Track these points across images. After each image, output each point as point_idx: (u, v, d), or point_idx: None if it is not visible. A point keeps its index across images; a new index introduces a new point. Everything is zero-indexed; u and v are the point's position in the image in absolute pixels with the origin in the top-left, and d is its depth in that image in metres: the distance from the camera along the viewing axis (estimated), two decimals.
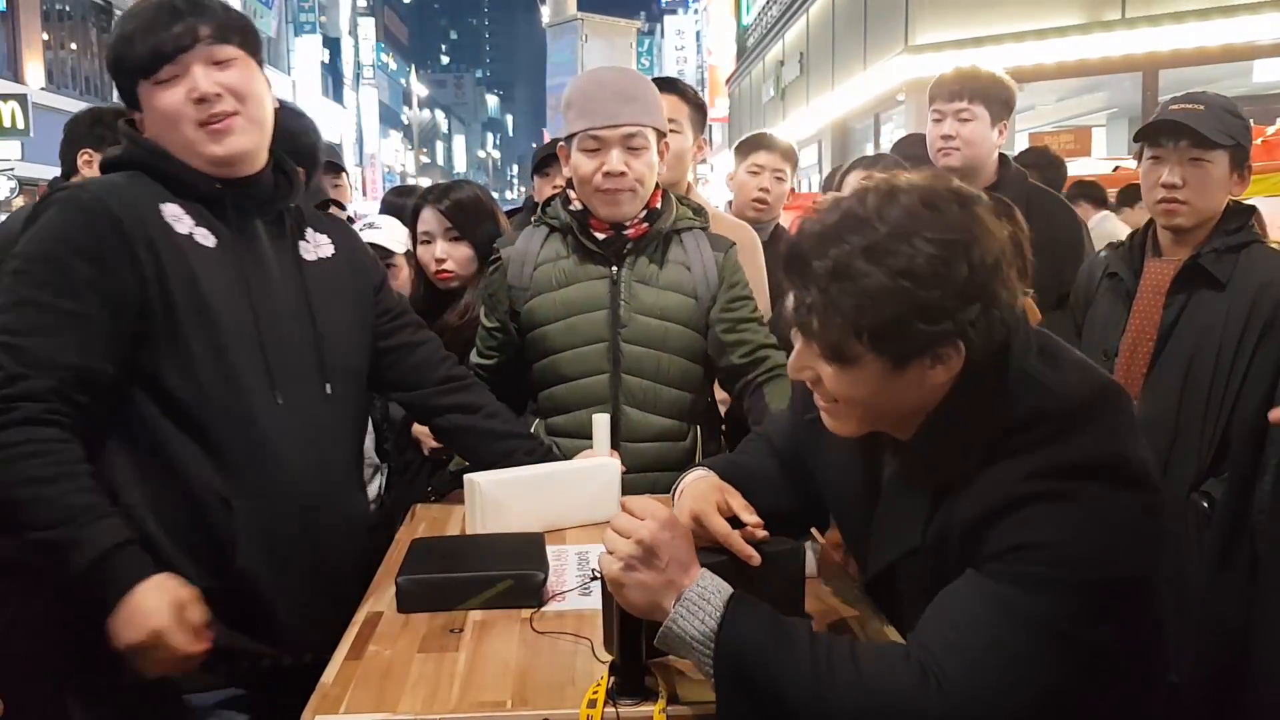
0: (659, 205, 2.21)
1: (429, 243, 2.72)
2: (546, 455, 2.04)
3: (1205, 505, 2.20)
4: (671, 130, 2.39)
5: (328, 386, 1.70)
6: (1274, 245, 2.39)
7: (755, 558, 1.33)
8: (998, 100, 2.81)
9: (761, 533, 1.38)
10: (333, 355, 1.72)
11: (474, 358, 2.38)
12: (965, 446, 1.20)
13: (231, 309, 1.59)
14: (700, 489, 1.45)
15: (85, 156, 2.86)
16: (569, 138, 2.16)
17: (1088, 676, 1.15)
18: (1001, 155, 2.89)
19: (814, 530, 1.69)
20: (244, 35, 1.65)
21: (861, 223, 1.16)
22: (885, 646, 1.19)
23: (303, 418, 1.65)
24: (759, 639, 1.15)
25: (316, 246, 1.79)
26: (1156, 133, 2.32)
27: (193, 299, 1.56)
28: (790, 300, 1.23)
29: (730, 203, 3.67)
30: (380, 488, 2.71)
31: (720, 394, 2.40)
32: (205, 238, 1.61)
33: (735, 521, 1.38)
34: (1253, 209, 2.40)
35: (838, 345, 1.18)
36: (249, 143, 1.63)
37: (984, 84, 2.83)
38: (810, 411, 1.37)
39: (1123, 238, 2.59)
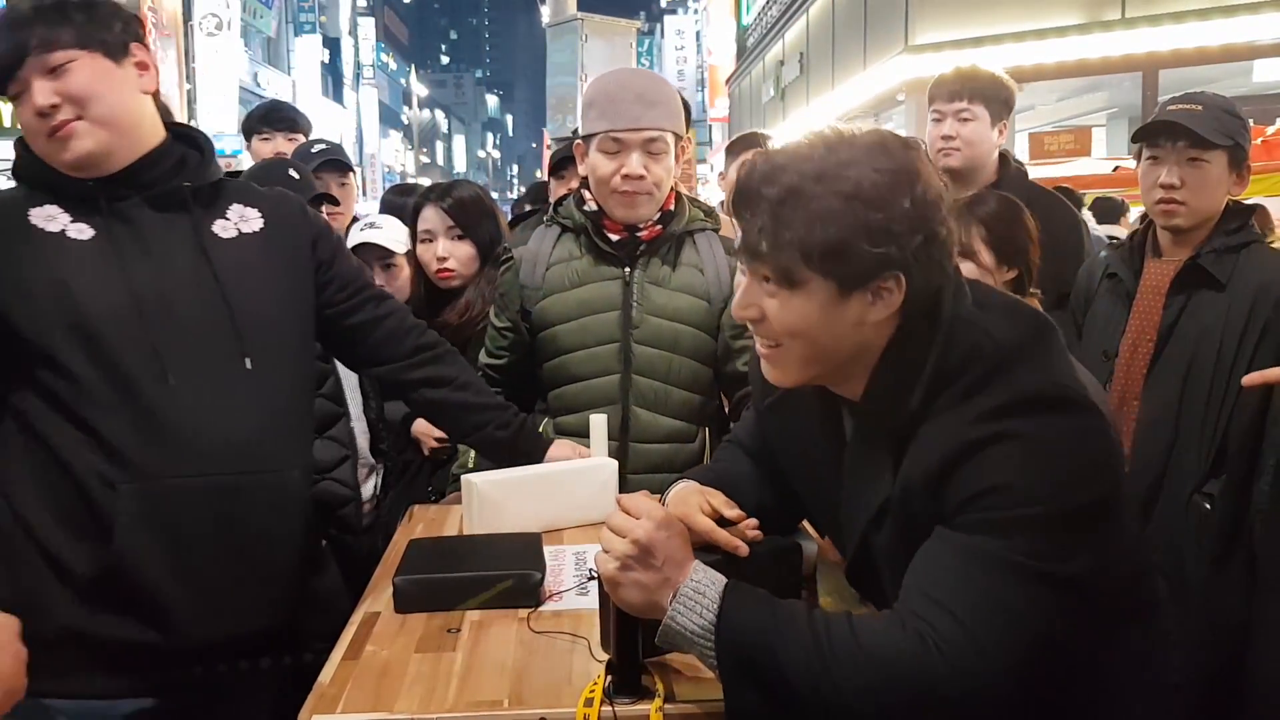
0: (673, 208, 2.21)
1: (430, 241, 2.72)
2: (520, 429, 2.00)
3: (1207, 506, 2.20)
4: None
5: (247, 361, 1.65)
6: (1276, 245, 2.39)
7: (743, 548, 1.34)
8: (997, 100, 2.80)
9: (753, 532, 1.38)
10: (252, 330, 1.67)
11: (483, 358, 2.38)
12: (911, 390, 1.22)
13: (105, 296, 1.58)
14: (682, 495, 1.47)
15: None
16: (588, 137, 2.16)
17: (1080, 615, 1.16)
18: (1002, 154, 2.88)
19: (812, 529, 1.69)
20: (80, 30, 1.58)
21: (811, 157, 1.21)
22: (881, 619, 1.19)
23: (209, 396, 1.61)
24: (758, 625, 1.15)
25: (242, 221, 1.75)
26: (1154, 133, 2.32)
27: (57, 293, 1.56)
28: (739, 235, 1.26)
29: (723, 202, 3.69)
30: (375, 487, 2.72)
31: None
32: (81, 231, 1.61)
33: (723, 523, 1.39)
34: (1253, 209, 2.39)
35: (787, 268, 1.20)
36: (94, 144, 1.60)
37: (984, 84, 2.82)
38: (770, 395, 1.41)
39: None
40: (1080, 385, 1.21)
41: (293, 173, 2.63)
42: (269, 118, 3.78)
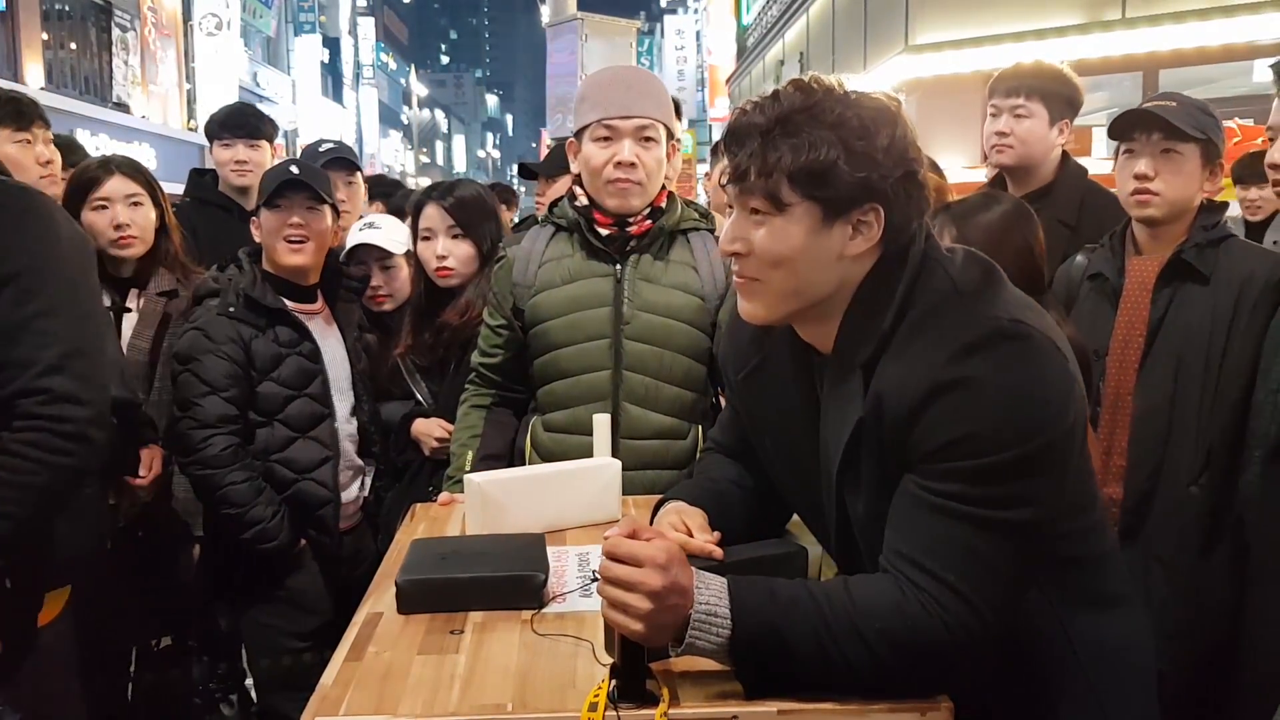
0: (664, 204, 2.21)
1: (430, 239, 2.72)
2: None
3: (1194, 490, 2.20)
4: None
5: None
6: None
7: (716, 552, 1.41)
8: (1059, 98, 2.72)
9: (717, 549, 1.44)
10: None
11: (476, 357, 2.38)
12: (880, 319, 1.27)
13: None
14: (661, 514, 1.53)
15: None
16: (579, 132, 2.17)
17: (1040, 550, 1.25)
18: (1064, 152, 2.78)
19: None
20: None
21: (798, 95, 1.29)
22: (877, 588, 1.23)
23: None
24: (770, 626, 1.19)
25: None
26: (1129, 125, 2.34)
27: None
28: (724, 173, 1.32)
29: (710, 201, 3.71)
30: (363, 489, 2.71)
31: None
32: None
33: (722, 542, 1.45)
34: (1227, 205, 2.43)
35: (774, 192, 1.26)
36: None
37: (1044, 80, 2.73)
38: (742, 370, 1.46)
39: None
40: (1035, 322, 1.26)
41: (293, 169, 2.63)
42: (228, 123, 3.63)
